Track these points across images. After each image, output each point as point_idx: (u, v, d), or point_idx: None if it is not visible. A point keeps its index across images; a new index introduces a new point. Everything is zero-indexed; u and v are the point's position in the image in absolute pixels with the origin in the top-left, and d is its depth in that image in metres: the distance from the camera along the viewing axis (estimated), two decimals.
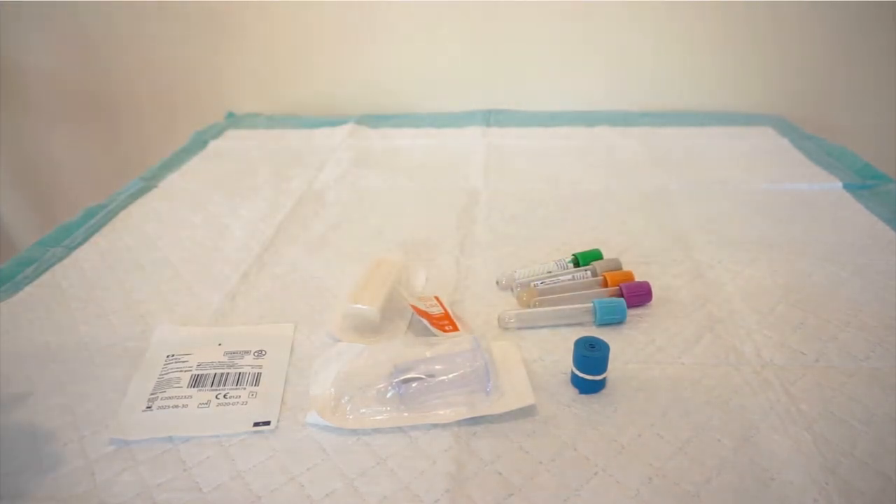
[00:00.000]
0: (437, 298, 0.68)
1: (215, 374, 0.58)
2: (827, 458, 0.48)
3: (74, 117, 1.49)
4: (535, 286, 0.70)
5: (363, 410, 0.53)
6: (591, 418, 0.53)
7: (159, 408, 0.54)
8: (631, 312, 0.65)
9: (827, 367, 0.58)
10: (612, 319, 0.64)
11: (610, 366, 0.55)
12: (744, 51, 1.30)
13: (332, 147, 1.18)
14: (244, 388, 0.56)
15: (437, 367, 0.55)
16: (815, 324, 0.63)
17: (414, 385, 0.54)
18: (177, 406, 0.54)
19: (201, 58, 1.40)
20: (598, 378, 0.55)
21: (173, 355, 0.61)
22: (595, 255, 0.74)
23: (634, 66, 1.33)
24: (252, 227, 0.88)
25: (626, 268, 0.72)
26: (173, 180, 1.06)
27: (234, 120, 1.39)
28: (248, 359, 0.60)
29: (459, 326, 0.64)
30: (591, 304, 0.64)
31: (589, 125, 1.24)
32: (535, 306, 0.67)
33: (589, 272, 0.72)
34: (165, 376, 0.58)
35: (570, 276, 0.71)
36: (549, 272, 0.72)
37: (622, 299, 0.65)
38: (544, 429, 0.52)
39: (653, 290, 0.67)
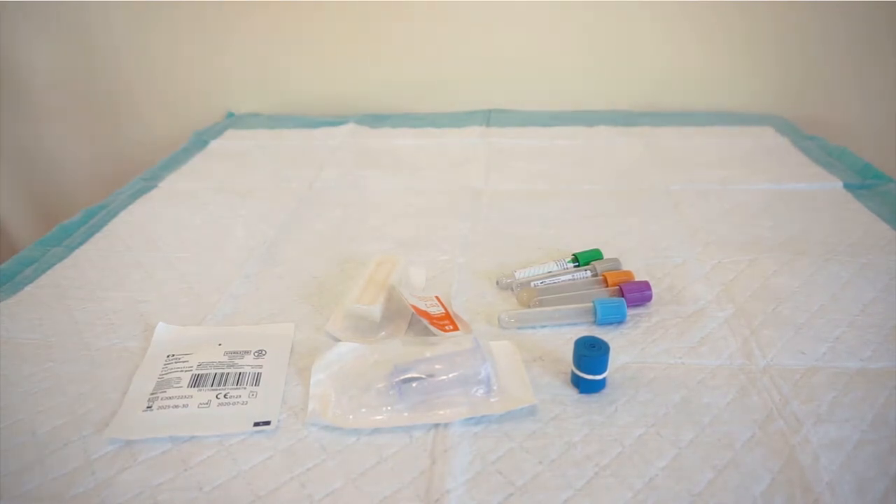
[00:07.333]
0: (437, 298, 0.68)
1: (215, 374, 0.58)
2: (829, 459, 0.48)
3: (74, 117, 1.49)
4: (535, 286, 0.70)
5: (363, 410, 0.53)
6: (591, 418, 0.53)
7: (160, 408, 0.54)
8: (631, 312, 0.65)
9: (828, 367, 0.57)
10: (613, 319, 0.64)
11: (610, 366, 0.55)
12: (744, 51, 1.30)
13: (332, 147, 1.18)
14: (244, 388, 0.56)
15: (437, 366, 0.55)
16: (816, 324, 0.63)
17: (414, 385, 0.54)
18: (177, 406, 0.54)
19: (201, 57, 1.41)
20: (598, 378, 0.55)
21: (173, 355, 0.61)
22: (595, 255, 0.74)
23: (634, 65, 1.33)
24: (252, 227, 0.88)
25: (626, 267, 0.72)
26: (173, 180, 1.06)
27: (234, 120, 1.39)
28: (249, 359, 0.60)
29: (459, 326, 0.64)
30: (592, 304, 0.64)
31: (589, 125, 1.24)
32: (535, 306, 0.67)
33: (589, 272, 0.72)
34: (166, 376, 0.58)
35: (570, 276, 0.72)
36: (550, 272, 0.72)
37: (622, 299, 0.65)
38: (545, 429, 0.52)
39: (653, 289, 0.67)
